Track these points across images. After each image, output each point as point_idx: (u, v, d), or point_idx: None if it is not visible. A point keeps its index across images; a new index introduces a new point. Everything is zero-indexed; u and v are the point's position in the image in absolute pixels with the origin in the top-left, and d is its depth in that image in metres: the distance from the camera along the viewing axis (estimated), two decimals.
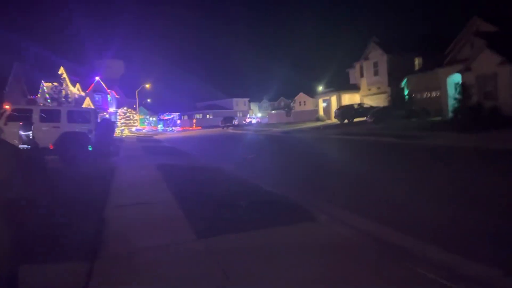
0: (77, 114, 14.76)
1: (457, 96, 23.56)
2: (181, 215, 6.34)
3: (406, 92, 34.53)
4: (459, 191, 7.61)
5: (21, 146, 11.96)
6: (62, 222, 5.89)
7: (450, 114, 25.53)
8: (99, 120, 17.35)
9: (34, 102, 25.94)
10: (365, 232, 5.09)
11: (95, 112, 15.43)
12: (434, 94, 31.27)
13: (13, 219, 2.08)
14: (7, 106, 19.88)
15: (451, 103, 25.27)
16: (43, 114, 14.16)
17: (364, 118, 32.90)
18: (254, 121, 72.05)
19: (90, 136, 14.17)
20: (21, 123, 12.86)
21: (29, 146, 12.37)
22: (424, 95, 32.96)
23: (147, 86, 61.29)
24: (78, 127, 14.21)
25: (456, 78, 25.95)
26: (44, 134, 13.63)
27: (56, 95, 29.03)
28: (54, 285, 3.61)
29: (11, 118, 13.38)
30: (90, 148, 13.91)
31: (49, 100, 29.08)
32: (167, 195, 8.00)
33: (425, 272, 3.67)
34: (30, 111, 14.06)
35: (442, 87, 28.84)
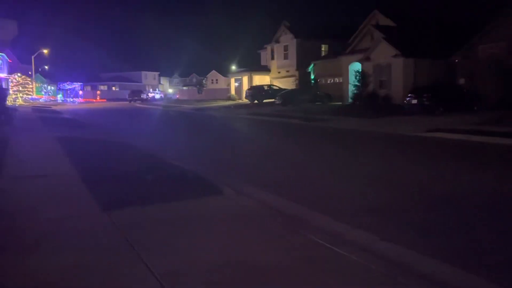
0: None
1: (357, 83, 25.54)
2: (84, 188, 6.17)
3: (312, 76, 36.37)
4: (348, 167, 8.46)
5: None
6: None
7: (350, 100, 27.67)
8: None
9: None
10: (268, 204, 5.47)
11: None
12: (337, 80, 33.40)
13: None
14: None
15: (351, 89, 27.37)
16: None
17: (273, 100, 34.04)
18: (158, 96, 69.30)
19: None
20: None
21: None
22: (328, 81, 35.05)
23: (45, 51, 56.12)
24: None
25: (356, 66, 28.01)
26: None
27: None
28: None
29: None
30: None
31: None
32: (69, 169, 7.65)
33: (316, 238, 4.13)
34: None
35: (344, 74, 30.95)
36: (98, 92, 73.25)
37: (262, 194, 6.06)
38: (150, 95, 66.98)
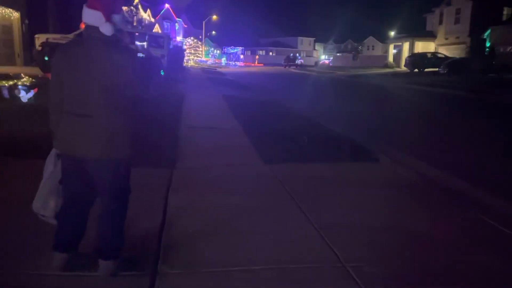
0: (152, 38, 15.36)
1: None
2: (247, 142, 6.76)
3: (487, 44, 31.79)
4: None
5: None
6: (145, 136, 6.52)
7: None
8: (171, 47, 17.93)
9: None
10: (428, 177, 5.20)
11: (168, 38, 15.96)
12: None
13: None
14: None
15: None
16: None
17: (436, 69, 31.05)
18: (312, 61, 69.34)
19: (162, 61, 14.80)
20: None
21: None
22: (508, 49, 30.18)
23: (214, 17, 61.08)
24: (152, 52, 14.86)
25: None
26: None
27: (130, 19, 29.99)
28: (145, 184, 4.15)
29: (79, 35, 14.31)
30: (162, 73, 14.61)
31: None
32: (234, 123, 8.45)
33: (487, 218, 3.80)
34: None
35: None
36: (257, 56, 77.23)
37: (419, 165, 5.77)
38: (301, 61, 67.84)
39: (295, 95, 16.85)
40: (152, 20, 47.16)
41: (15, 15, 20.62)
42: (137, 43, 13.78)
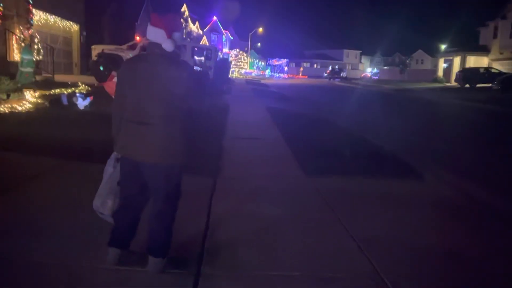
0: (200, 50, 15.91)
1: None
2: (290, 153, 6.88)
3: None
4: None
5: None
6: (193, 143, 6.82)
7: None
8: (217, 59, 18.45)
9: None
10: (474, 199, 5.08)
11: (216, 50, 16.46)
12: None
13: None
14: (137, 38, 21.99)
15: None
16: None
17: (489, 85, 29.76)
18: (365, 75, 68.53)
19: (209, 72, 15.28)
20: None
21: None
22: None
23: (260, 30, 61.93)
24: (199, 63, 15.40)
25: None
26: None
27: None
28: (190, 191, 4.37)
29: (143, 49, 15.02)
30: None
31: None
32: (277, 135, 8.60)
33: None
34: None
35: None
36: (301, 68, 77.33)
37: (466, 185, 5.62)
38: (346, 74, 67.10)
39: (338, 108, 16.78)
40: (200, 32, 48.59)
41: (75, 27, 22.03)
42: (196, 57, 14.40)
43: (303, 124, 10.58)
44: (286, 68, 72.93)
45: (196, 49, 15.72)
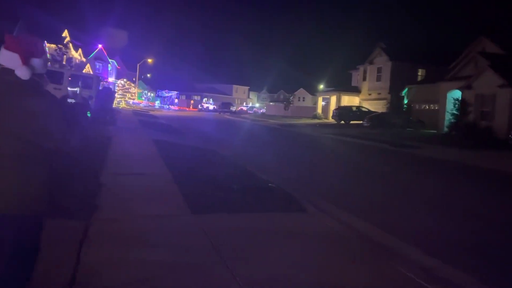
0: (80, 78, 14.79)
1: (455, 112, 23.93)
2: (175, 189, 6.51)
3: (405, 101, 34.82)
4: (441, 199, 7.87)
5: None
6: (63, 183, 6.03)
7: (446, 129, 25.92)
8: (100, 88, 17.35)
9: None
10: (352, 227, 5.30)
11: (98, 79, 15.48)
12: (432, 107, 31.58)
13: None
14: None
15: (448, 118, 25.66)
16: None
17: (360, 121, 33.17)
18: (246, 109, 71.61)
19: (90, 102, 14.21)
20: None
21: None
22: (423, 107, 33.27)
23: (149, 61, 60.91)
24: (80, 93, 14.27)
25: (456, 94, 26.25)
26: None
27: (59, 58, 28.84)
28: (54, 237, 3.76)
29: None
30: (88, 115, 13.97)
31: (49, 63, 28.88)
32: (163, 170, 8.16)
33: (405, 271, 3.89)
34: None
35: (441, 101, 29.15)
36: (192, 101, 77.47)
37: (346, 216, 5.89)
38: (238, 108, 69.09)
39: (227, 141, 16.90)
40: (84, 59, 45.83)
41: None
42: (69, 88, 13.29)
43: (192, 158, 10.29)
44: (176, 100, 72.43)
45: (72, 77, 14.54)
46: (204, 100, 78.42)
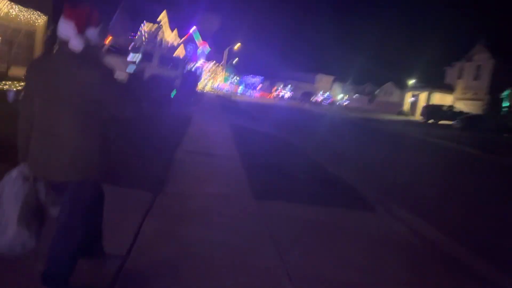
0: (168, 60, 15.56)
1: None
2: (242, 173, 6.58)
3: (505, 104, 31.62)
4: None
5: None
6: (135, 154, 6.40)
7: None
8: (186, 71, 18.13)
9: (131, 41, 27.69)
10: (423, 235, 4.93)
11: (183, 61, 16.14)
12: None
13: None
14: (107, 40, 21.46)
15: None
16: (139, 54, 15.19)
17: (451, 122, 30.85)
18: (327, 100, 70.04)
19: (175, 83, 14.91)
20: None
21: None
22: None
23: (237, 46, 62.25)
24: (166, 72, 15.01)
25: None
26: None
27: (153, 38, 30.62)
28: (119, 207, 3.99)
29: (108, 52, 14.60)
30: (172, 95, 14.67)
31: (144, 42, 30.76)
32: (234, 152, 8.30)
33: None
34: (126, 48, 15.23)
35: None
36: (274, 88, 77.93)
37: (418, 223, 5.48)
38: (319, 98, 67.99)
39: (302, 132, 16.72)
40: (178, 40, 48.12)
41: (40, 20, 21.06)
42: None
43: (264, 145, 10.35)
44: (259, 87, 73.42)
45: (161, 58, 15.35)
46: (279, 87, 78.12)
